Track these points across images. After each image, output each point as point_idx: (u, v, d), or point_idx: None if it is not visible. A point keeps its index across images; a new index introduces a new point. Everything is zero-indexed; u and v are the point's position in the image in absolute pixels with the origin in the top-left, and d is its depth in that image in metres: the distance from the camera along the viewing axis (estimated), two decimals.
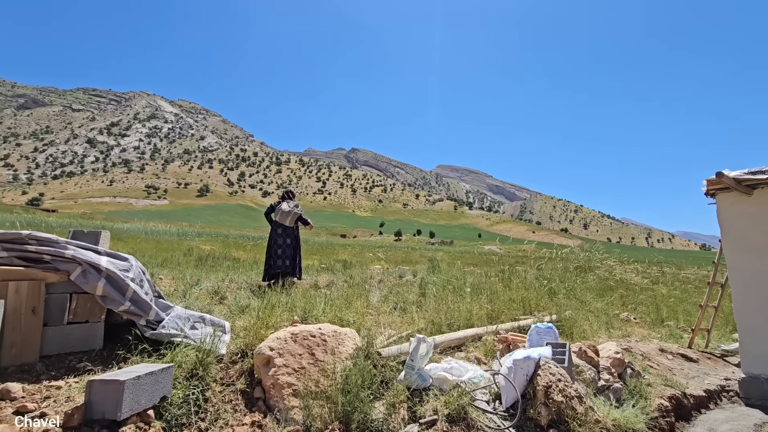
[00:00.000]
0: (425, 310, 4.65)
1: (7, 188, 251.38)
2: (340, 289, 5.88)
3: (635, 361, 4.03)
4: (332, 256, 16.95)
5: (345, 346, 2.97)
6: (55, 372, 2.54)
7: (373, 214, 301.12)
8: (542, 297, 5.70)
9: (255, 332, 3.13)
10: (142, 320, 2.88)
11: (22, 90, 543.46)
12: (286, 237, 6.68)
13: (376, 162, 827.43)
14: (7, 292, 2.54)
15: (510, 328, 4.25)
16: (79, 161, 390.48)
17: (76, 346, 2.79)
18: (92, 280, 2.74)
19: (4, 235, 2.68)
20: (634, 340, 5.13)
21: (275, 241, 6.61)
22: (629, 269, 12.23)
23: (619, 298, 7.51)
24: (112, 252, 3.03)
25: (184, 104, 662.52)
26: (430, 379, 2.81)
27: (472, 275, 7.61)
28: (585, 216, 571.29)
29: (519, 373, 2.64)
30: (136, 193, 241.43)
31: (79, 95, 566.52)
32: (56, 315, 2.72)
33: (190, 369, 2.59)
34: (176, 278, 6.03)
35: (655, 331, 5.98)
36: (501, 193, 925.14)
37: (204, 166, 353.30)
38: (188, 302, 4.02)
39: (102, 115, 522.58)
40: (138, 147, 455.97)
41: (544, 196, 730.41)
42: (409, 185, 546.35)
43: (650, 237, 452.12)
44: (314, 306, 3.94)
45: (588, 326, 4.91)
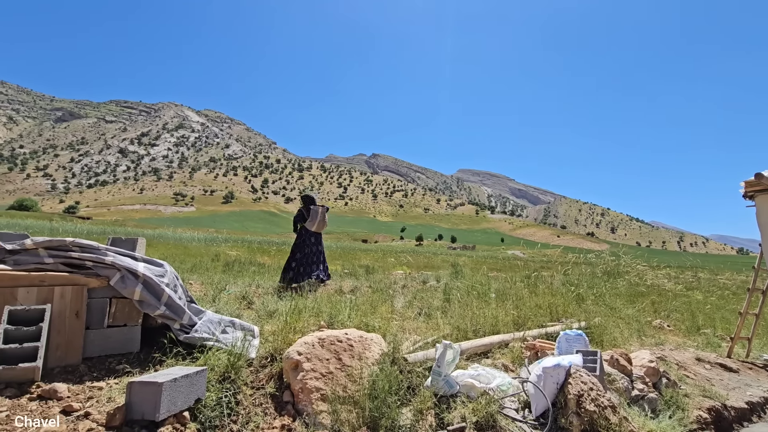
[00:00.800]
0: (450, 315, 4.62)
1: (46, 197, 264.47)
2: (364, 294, 5.91)
3: (670, 370, 3.89)
4: (354, 261, 17.05)
5: (371, 352, 2.98)
6: (96, 373, 2.66)
7: (394, 219, 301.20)
8: (569, 303, 5.57)
9: (283, 337, 3.18)
10: (176, 324, 2.98)
11: (59, 103, 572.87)
12: (318, 244, 6.69)
13: (397, 167, 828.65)
14: (53, 297, 2.68)
15: (537, 334, 4.17)
16: (111, 170, 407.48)
17: (115, 348, 2.91)
18: (130, 285, 2.87)
19: (50, 243, 2.84)
20: (669, 348, 4.94)
21: (311, 249, 6.56)
22: (661, 274, 11.79)
23: (650, 305, 7.25)
24: (148, 258, 3.16)
25: (210, 114, 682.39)
26: (458, 386, 2.79)
27: (496, 281, 7.52)
28: (612, 219, 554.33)
29: (549, 381, 2.59)
30: (165, 201, 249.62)
31: (111, 107, 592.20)
32: (97, 319, 2.85)
33: (222, 372, 2.66)
34: (205, 283, 6.21)
35: (690, 340, 5.74)
36: (524, 196, 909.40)
37: (229, 173, 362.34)
38: (218, 307, 4.13)
39: (133, 125, 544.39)
40: (167, 156, 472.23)
41: (568, 200, 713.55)
42: (429, 190, 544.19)
43: (682, 240, 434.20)
44: (340, 311, 3.98)
45: (618, 333, 4.77)
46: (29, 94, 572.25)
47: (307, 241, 6.62)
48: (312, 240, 6.63)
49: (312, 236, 6.66)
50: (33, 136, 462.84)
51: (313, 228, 6.60)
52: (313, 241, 6.63)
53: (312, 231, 6.62)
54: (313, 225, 6.59)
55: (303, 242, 6.62)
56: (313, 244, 6.62)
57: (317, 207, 6.70)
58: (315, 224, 6.59)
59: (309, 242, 6.61)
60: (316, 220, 6.58)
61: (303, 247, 6.59)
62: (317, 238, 6.71)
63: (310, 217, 6.61)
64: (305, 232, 6.66)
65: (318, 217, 6.59)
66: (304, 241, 6.62)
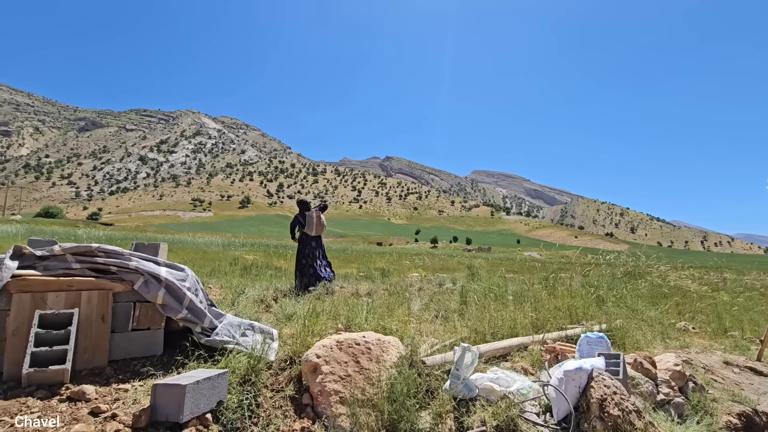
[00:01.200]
0: (467, 318, 4.58)
1: (70, 204, 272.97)
2: (380, 297, 5.91)
3: (697, 374, 3.77)
4: (370, 264, 17.07)
5: (389, 354, 2.99)
6: (122, 375, 2.74)
7: (408, 222, 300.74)
8: (590, 305, 5.46)
9: (301, 340, 3.21)
10: (197, 327, 3.04)
11: (82, 114, 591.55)
12: (319, 247, 6.91)
13: (411, 169, 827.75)
14: (81, 301, 2.77)
15: (557, 337, 4.10)
16: (132, 177, 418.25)
17: (139, 351, 2.99)
18: (153, 289, 2.94)
19: (77, 248, 2.93)
20: (695, 351, 4.80)
21: (313, 254, 6.77)
22: (684, 275, 11.46)
23: (674, 306, 7.05)
24: (170, 263, 3.23)
25: (226, 120, 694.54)
26: (477, 389, 2.77)
27: (513, 282, 7.42)
28: (632, 219, 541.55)
29: (570, 384, 2.55)
30: (184, 206, 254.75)
31: (132, 116, 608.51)
32: (122, 322, 2.93)
33: (243, 375, 2.70)
34: (224, 287, 6.30)
35: (717, 342, 5.56)
36: (540, 197, 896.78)
37: (245, 178, 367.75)
38: (237, 310, 4.20)
39: (152, 133, 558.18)
40: (185, 162, 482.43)
41: (586, 199, 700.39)
42: (444, 192, 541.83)
43: (706, 240, 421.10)
44: (357, 314, 4.00)
45: (641, 336, 4.65)
46: (54, 105, 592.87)
47: (308, 246, 6.84)
48: (313, 244, 6.85)
49: (312, 240, 6.87)
50: (58, 146, 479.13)
51: (312, 233, 6.82)
52: (314, 245, 6.85)
53: (312, 235, 6.84)
54: (312, 230, 6.82)
55: (305, 247, 6.84)
56: (315, 248, 6.85)
57: (311, 212, 6.91)
58: (313, 229, 6.81)
59: (310, 246, 6.82)
60: (313, 225, 6.80)
61: (306, 253, 6.80)
62: (318, 241, 6.93)
63: (306, 224, 6.82)
64: (306, 237, 6.88)
65: (314, 222, 6.80)
66: (306, 246, 6.84)
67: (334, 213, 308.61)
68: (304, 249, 6.82)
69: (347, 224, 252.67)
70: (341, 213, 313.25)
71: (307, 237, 6.87)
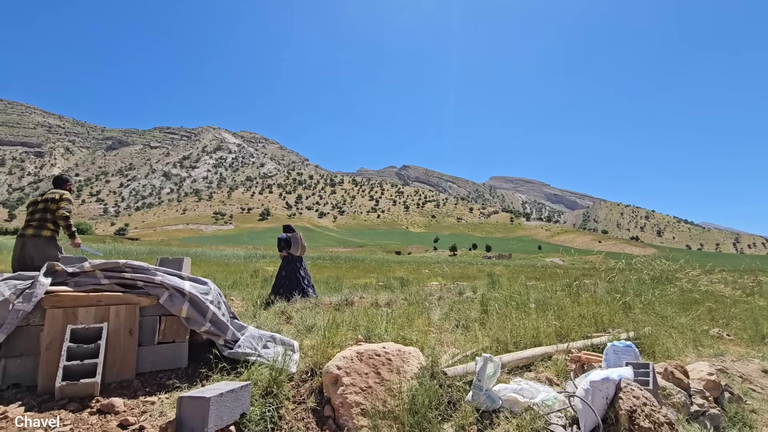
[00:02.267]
0: (489, 327, 4.51)
1: (98, 220, 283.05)
2: (400, 307, 5.89)
3: (733, 383, 3.60)
4: (389, 274, 17.03)
5: (410, 365, 2.96)
6: (149, 388, 2.80)
7: (426, 230, 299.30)
8: (616, 312, 5.30)
9: (322, 351, 3.22)
10: (220, 340, 3.09)
11: (110, 133, 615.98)
12: (302, 267, 7.78)
13: (428, 177, 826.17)
14: (109, 316, 2.86)
15: (582, 346, 3.99)
16: (156, 193, 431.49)
17: (165, 364, 3.05)
18: (178, 303, 3.01)
19: (105, 265, 3.04)
20: (730, 359, 4.58)
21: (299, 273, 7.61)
22: (716, 279, 11.00)
23: (707, 312, 6.77)
24: (193, 277, 3.31)
25: (246, 134, 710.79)
26: (500, 401, 2.71)
27: (535, 290, 7.28)
28: (658, 222, 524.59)
29: (598, 395, 2.47)
30: (206, 220, 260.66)
31: (155, 134, 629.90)
32: (148, 336, 3.01)
33: (265, 387, 2.73)
34: (246, 299, 6.40)
35: (754, 350, 5.29)
36: (560, 201, 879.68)
37: (264, 191, 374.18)
38: (259, 322, 4.25)
39: (175, 150, 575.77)
40: (206, 177, 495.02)
41: (609, 203, 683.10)
42: (462, 199, 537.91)
43: (738, 242, 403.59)
44: (377, 324, 3.99)
45: (672, 344, 4.47)
46: (83, 126, 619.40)
47: (293, 264, 7.71)
48: (297, 264, 7.74)
49: (297, 261, 7.76)
50: (87, 164, 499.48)
51: (297, 253, 7.75)
52: (298, 266, 7.73)
53: (297, 255, 7.77)
54: (297, 250, 7.75)
55: (288, 264, 7.71)
56: (298, 268, 7.71)
57: (296, 234, 7.90)
58: (298, 249, 7.76)
59: (294, 266, 7.70)
60: (298, 246, 7.76)
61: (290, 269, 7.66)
62: (300, 261, 7.85)
63: (293, 245, 7.76)
64: (291, 257, 7.78)
65: (299, 243, 7.77)
66: (290, 264, 7.71)
67: (352, 223, 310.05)
68: (288, 266, 7.69)
69: (365, 234, 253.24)
70: (359, 223, 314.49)
71: (292, 257, 7.75)
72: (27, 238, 4.73)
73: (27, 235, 4.74)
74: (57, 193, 4.99)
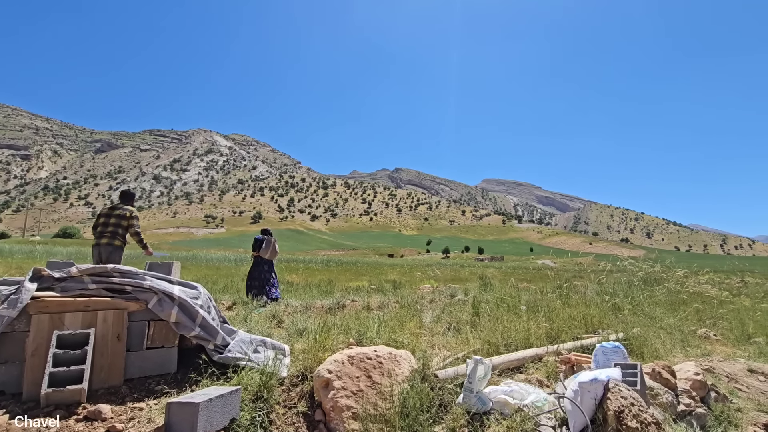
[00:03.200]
0: (480, 330, 4.53)
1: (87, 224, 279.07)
2: (392, 310, 5.89)
3: (719, 383, 3.66)
4: (381, 277, 17.02)
5: (401, 368, 2.97)
6: (137, 394, 2.77)
7: (419, 233, 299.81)
8: (605, 313, 5.35)
9: (313, 355, 3.21)
10: (210, 345, 3.07)
11: (99, 136, 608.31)
12: (270, 270, 7.91)
13: (420, 180, 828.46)
14: (97, 321, 2.83)
15: (572, 347, 4.03)
16: (146, 196, 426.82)
17: (154, 369, 3.02)
18: (167, 308, 2.99)
19: (93, 269, 3.00)
20: (717, 359, 4.65)
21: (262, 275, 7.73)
22: (703, 280, 11.17)
23: (694, 313, 6.87)
24: (182, 281, 3.28)
25: (237, 137, 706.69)
26: (491, 403, 2.73)
27: (526, 292, 7.33)
28: (647, 224, 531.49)
29: (586, 396, 2.49)
30: (197, 223, 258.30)
31: (146, 136, 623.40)
32: (137, 341, 2.98)
33: (255, 391, 2.71)
34: (237, 303, 6.35)
35: (740, 350, 5.39)
36: (552, 204, 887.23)
37: (256, 194, 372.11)
38: (249, 326, 4.22)
39: (165, 153, 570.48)
40: (197, 180, 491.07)
41: (599, 205, 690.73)
42: (454, 201, 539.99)
43: (726, 243, 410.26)
44: (368, 328, 3.98)
45: (660, 344, 4.54)
46: (72, 129, 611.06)
47: (260, 267, 7.83)
48: (265, 267, 7.86)
49: (265, 264, 7.88)
50: (75, 167, 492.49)
51: (266, 256, 7.86)
52: (266, 268, 7.85)
53: (266, 258, 7.87)
54: (267, 254, 7.87)
55: (257, 266, 7.86)
56: (267, 270, 7.85)
57: (271, 238, 8.04)
58: (268, 253, 7.87)
59: (262, 268, 7.82)
60: (269, 250, 7.88)
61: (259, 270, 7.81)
62: (270, 264, 7.97)
63: (263, 247, 7.88)
64: (260, 260, 7.90)
65: (270, 248, 7.91)
66: (258, 266, 7.86)
67: (345, 226, 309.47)
68: (256, 267, 7.83)
69: (358, 236, 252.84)
70: (352, 225, 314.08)
71: (261, 259, 7.86)
72: (103, 247, 5.69)
73: (103, 244, 5.71)
74: (127, 211, 5.95)
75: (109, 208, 6.01)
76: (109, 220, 5.83)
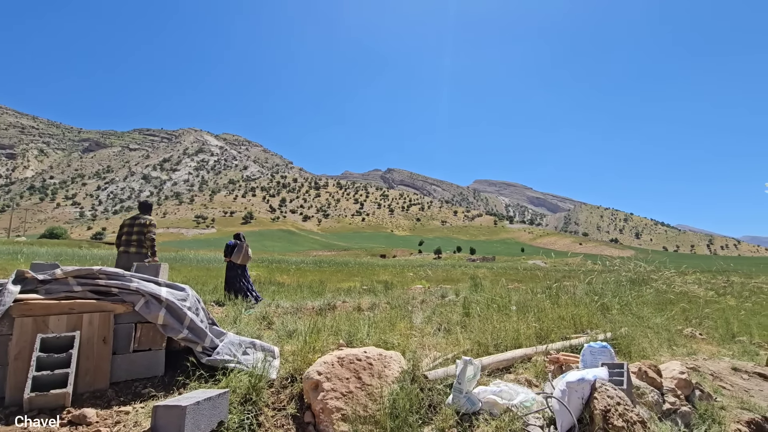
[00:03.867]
0: (470, 330, 4.56)
1: (74, 225, 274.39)
2: (383, 310, 5.89)
3: (704, 381, 3.72)
4: (373, 277, 17.02)
5: (391, 370, 2.97)
6: (123, 398, 2.73)
7: (411, 233, 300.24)
8: (594, 313, 5.41)
9: (303, 357, 3.20)
10: (198, 347, 3.04)
11: (87, 135, 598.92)
12: (243, 274, 8.01)
13: (412, 181, 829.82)
14: (82, 324, 2.78)
15: (561, 347, 4.07)
16: (135, 196, 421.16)
17: (141, 372, 2.98)
18: (154, 310, 2.95)
19: (78, 272, 2.96)
20: (702, 358, 4.73)
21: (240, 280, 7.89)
22: (690, 280, 11.36)
23: (681, 312, 6.98)
24: (170, 283, 3.25)
25: (228, 137, 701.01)
26: (480, 403, 2.74)
27: (516, 292, 7.38)
28: (636, 225, 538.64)
29: (573, 396, 2.52)
30: (187, 224, 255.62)
31: (135, 136, 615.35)
32: (123, 344, 2.94)
33: (244, 394, 2.69)
34: (226, 304, 6.30)
35: (725, 348, 5.49)
36: (542, 205, 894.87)
37: (247, 194, 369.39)
38: (239, 328, 4.19)
39: (155, 152, 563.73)
40: (187, 180, 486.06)
41: (589, 206, 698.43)
42: (446, 202, 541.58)
43: (712, 244, 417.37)
44: (358, 329, 3.98)
45: (647, 344, 4.60)
46: (58, 127, 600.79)
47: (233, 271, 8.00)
48: (238, 272, 8.01)
49: (238, 268, 8.03)
50: (62, 167, 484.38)
51: (239, 261, 7.98)
52: (239, 272, 8.00)
53: (238, 263, 8.00)
54: (239, 259, 7.97)
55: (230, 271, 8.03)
56: (240, 275, 8.00)
57: (243, 243, 8.12)
58: (240, 258, 7.97)
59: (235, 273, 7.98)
60: (240, 255, 7.98)
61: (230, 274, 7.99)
62: (243, 269, 8.09)
63: (235, 252, 8.01)
64: (233, 265, 8.05)
65: (242, 253, 7.99)
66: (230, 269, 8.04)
67: (337, 226, 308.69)
68: (229, 272, 7.98)
69: (350, 237, 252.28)
70: (344, 226, 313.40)
71: (234, 264, 8.00)
72: (132, 255, 6.15)
73: (131, 252, 6.22)
74: (147, 219, 6.48)
75: (131, 218, 6.50)
76: (132, 230, 6.35)
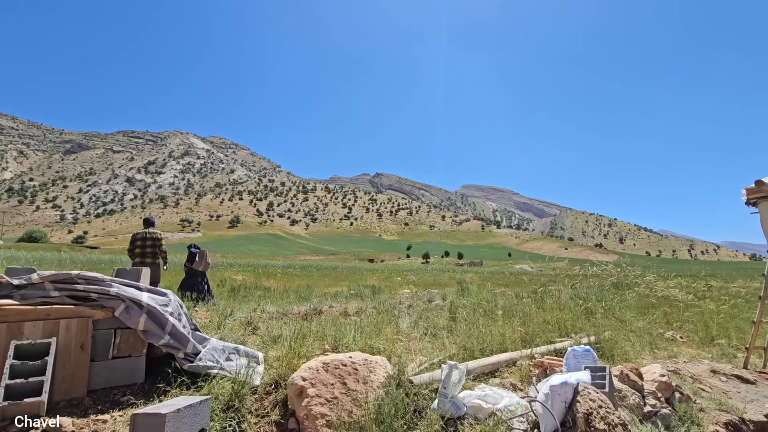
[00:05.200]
0: (456, 334, 4.57)
1: (54, 228, 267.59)
2: (369, 315, 5.87)
3: (684, 384, 3.79)
4: (360, 282, 16.97)
5: (376, 375, 2.95)
6: (101, 406, 2.66)
7: (399, 238, 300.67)
8: (578, 317, 5.49)
9: (287, 362, 3.17)
10: (180, 353, 2.98)
11: (69, 136, 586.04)
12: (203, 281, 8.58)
13: (401, 185, 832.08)
14: (59, 330, 2.71)
15: (545, 351, 4.11)
16: (119, 199, 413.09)
17: (120, 380, 2.91)
18: (134, 315, 2.89)
19: (56, 276, 2.88)
20: (682, 361, 4.83)
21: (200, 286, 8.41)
22: (671, 284, 11.60)
23: (662, 316, 7.12)
24: (152, 288, 3.19)
25: (215, 140, 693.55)
26: (465, 408, 2.74)
27: (503, 297, 7.44)
28: (620, 230, 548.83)
29: (557, 399, 2.54)
30: (172, 227, 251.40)
31: (119, 137, 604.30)
32: (102, 350, 2.86)
33: (227, 401, 2.65)
34: (211, 310, 6.21)
35: (705, 351, 5.61)
36: (529, 210, 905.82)
37: (234, 198, 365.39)
38: (223, 334, 4.13)
39: (140, 155, 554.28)
40: (173, 183, 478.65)
41: (575, 211, 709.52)
42: (434, 207, 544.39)
43: (693, 249, 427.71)
44: (344, 334, 3.96)
45: (630, 347, 4.68)
46: (39, 128, 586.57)
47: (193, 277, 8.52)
48: (198, 279, 8.56)
49: (198, 275, 8.59)
50: (43, 169, 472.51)
51: (200, 268, 8.55)
52: (199, 280, 8.55)
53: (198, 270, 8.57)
54: (199, 266, 8.55)
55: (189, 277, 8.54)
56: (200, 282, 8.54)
57: (203, 251, 8.77)
58: (201, 266, 8.55)
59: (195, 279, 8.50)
60: (201, 263, 8.57)
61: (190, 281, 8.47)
62: (203, 275, 8.67)
63: (197, 260, 8.59)
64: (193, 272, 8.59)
65: (203, 261, 8.60)
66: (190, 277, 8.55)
67: (325, 230, 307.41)
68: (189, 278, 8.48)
69: (338, 241, 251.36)
70: (332, 230, 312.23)
71: (194, 271, 8.53)
72: (150, 266, 6.92)
73: (148, 263, 7.09)
74: (158, 233, 7.39)
75: (143, 232, 7.32)
76: (146, 243, 7.21)
